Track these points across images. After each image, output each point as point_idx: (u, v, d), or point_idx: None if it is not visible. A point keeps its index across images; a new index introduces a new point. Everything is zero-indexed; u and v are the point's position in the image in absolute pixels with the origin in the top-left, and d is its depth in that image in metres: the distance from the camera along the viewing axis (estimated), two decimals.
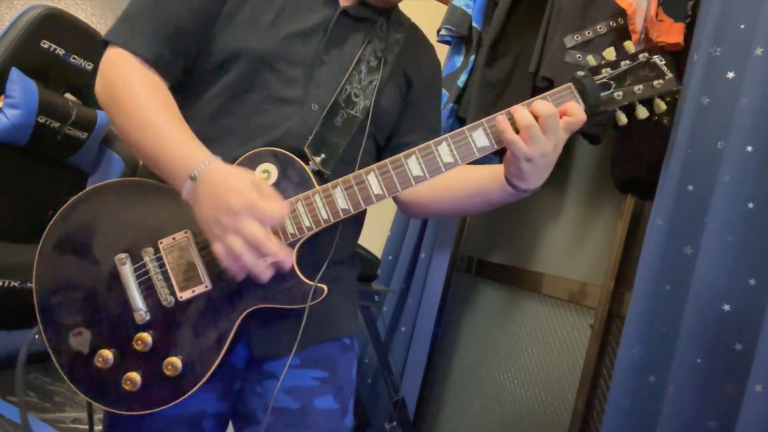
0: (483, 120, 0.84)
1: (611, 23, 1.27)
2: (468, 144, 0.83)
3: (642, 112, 0.85)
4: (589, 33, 1.29)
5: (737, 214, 0.97)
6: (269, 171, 0.84)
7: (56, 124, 1.65)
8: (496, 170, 0.90)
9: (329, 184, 0.83)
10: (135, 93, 0.82)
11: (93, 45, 1.79)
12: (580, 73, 0.85)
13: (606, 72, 0.85)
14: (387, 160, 0.84)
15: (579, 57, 1.28)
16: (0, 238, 1.61)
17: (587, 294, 1.53)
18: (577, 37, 1.30)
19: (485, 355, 1.88)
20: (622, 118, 0.86)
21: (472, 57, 1.77)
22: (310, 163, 0.87)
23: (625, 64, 0.84)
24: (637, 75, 0.84)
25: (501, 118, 0.81)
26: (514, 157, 0.82)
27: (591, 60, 0.86)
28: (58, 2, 2.45)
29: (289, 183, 0.84)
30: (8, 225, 1.64)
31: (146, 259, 0.82)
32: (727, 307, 0.96)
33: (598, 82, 0.84)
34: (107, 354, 0.81)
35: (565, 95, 0.84)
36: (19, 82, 1.55)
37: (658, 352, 1.10)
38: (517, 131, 0.81)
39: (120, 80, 0.84)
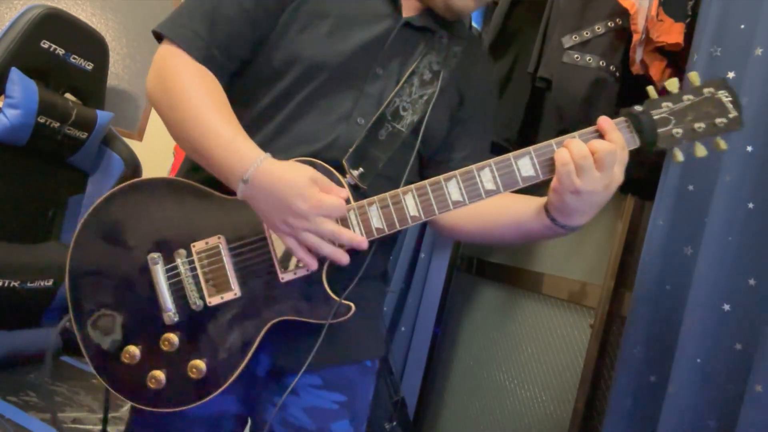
0: (531, 148, 0.79)
1: (609, 23, 1.27)
2: (513, 172, 0.79)
3: (700, 151, 0.79)
4: (587, 33, 1.29)
5: (737, 214, 0.97)
6: None
7: (56, 124, 1.65)
8: (538, 202, 0.85)
9: (365, 201, 0.81)
10: (187, 88, 0.82)
11: (93, 45, 1.79)
12: (638, 108, 0.78)
13: (666, 106, 0.78)
14: (426, 182, 0.81)
15: (577, 57, 1.28)
16: (0, 238, 1.61)
17: (587, 294, 1.53)
18: (576, 38, 1.30)
19: (485, 355, 1.88)
20: (679, 156, 0.80)
21: None
22: (347, 176, 0.85)
23: (687, 99, 0.78)
24: (699, 111, 0.78)
25: (559, 152, 0.76)
26: (561, 187, 0.76)
27: (651, 92, 0.80)
28: (58, 2, 2.45)
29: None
30: (8, 225, 1.64)
31: (178, 261, 0.83)
32: (727, 307, 0.96)
33: (656, 117, 0.78)
34: (134, 350, 0.82)
35: (621, 129, 0.78)
36: (19, 82, 1.55)
37: (659, 352, 1.10)
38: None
39: (172, 75, 0.83)
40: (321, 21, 0.88)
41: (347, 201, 0.81)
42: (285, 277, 0.82)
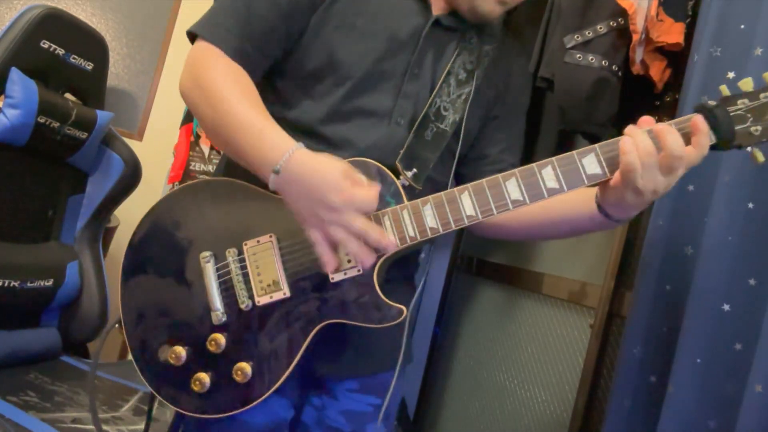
0: (597, 145, 0.76)
1: (611, 23, 1.27)
2: (577, 170, 0.75)
3: (759, 157, 0.77)
4: (589, 33, 1.29)
5: (737, 214, 0.97)
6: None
7: (56, 124, 1.65)
8: (585, 197, 0.82)
9: (419, 201, 0.79)
10: (218, 81, 0.81)
11: (93, 45, 1.79)
12: (712, 102, 0.74)
13: (742, 104, 0.74)
14: (483, 180, 0.78)
15: (579, 57, 1.28)
16: (0, 238, 1.61)
17: (587, 294, 1.53)
18: (578, 37, 1.29)
19: (485, 355, 1.88)
20: (759, 157, 0.76)
21: None
22: (401, 177, 0.84)
23: (765, 96, 0.74)
24: None
25: (626, 142, 0.72)
26: (623, 184, 0.73)
27: (724, 90, 0.76)
28: (58, 2, 2.45)
29: (379, 197, 0.79)
30: (8, 225, 1.63)
31: (229, 259, 0.82)
32: (727, 307, 0.96)
33: (732, 114, 0.74)
34: (180, 351, 0.80)
35: (685, 126, 0.74)
36: (19, 82, 1.55)
37: (659, 352, 1.10)
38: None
39: (204, 70, 0.83)
40: (355, 20, 0.88)
41: (396, 200, 0.80)
42: (335, 277, 0.80)
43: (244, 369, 0.79)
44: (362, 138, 0.86)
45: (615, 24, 1.26)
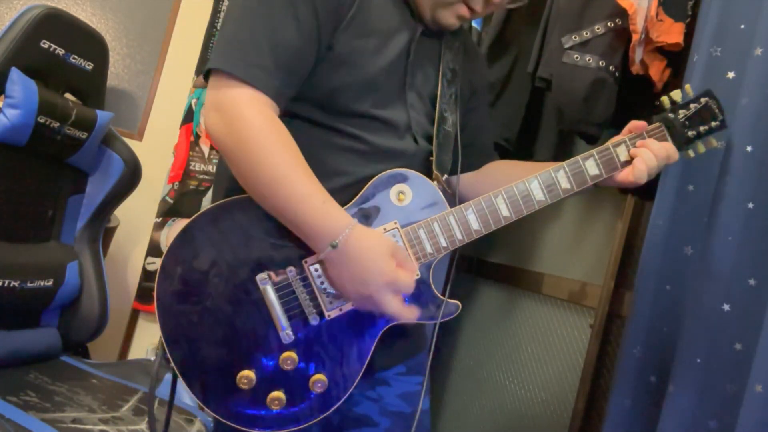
0: (594, 151, 0.92)
1: (609, 24, 1.27)
2: (582, 172, 0.91)
3: (700, 148, 0.97)
4: (587, 33, 1.29)
5: (737, 214, 0.97)
6: (404, 192, 0.87)
7: (56, 124, 1.64)
8: None
9: (462, 206, 0.88)
10: (267, 146, 0.78)
11: (93, 45, 1.79)
12: (670, 115, 0.94)
13: (682, 113, 0.95)
14: (512, 185, 0.89)
15: (577, 57, 1.28)
16: (0, 238, 1.61)
17: (587, 294, 1.53)
18: (575, 38, 1.30)
19: (485, 355, 1.88)
20: (691, 154, 0.97)
21: None
22: (437, 183, 0.90)
23: (693, 107, 0.94)
24: (701, 116, 0.95)
25: (640, 160, 0.90)
26: (620, 182, 0.91)
27: (665, 101, 0.95)
28: (58, 2, 2.45)
29: (422, 203, 0.88)
30: (8, 225, 1.63)
31: (291, 278, 0.82)
32: (727, 307, 0.96)
33: (681, 122, 0.94)
34: (250, 374, 0.80)
35: (657, 133, 0.93)
36: (19, 82, 1.55)
37: (659, 352, 1.10)
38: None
39: (248, 129, 0.78)
40: (368, 38, 0.88)
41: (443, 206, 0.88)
42: None
43: (322, 380, 0.82)
44: (394, 149, 0.90)
45: (613, 24, 1.26)
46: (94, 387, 1.53)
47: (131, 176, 1.92)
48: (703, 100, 0.95)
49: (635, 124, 0.94)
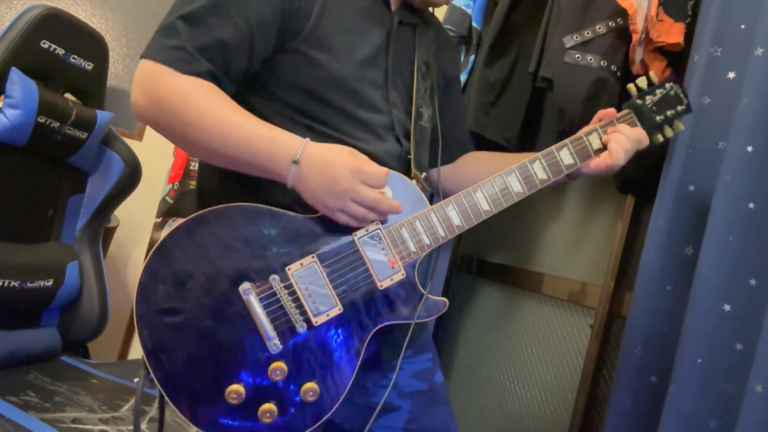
0: (567, 140, 0.95)
1: (610, 23, 1.27)
2: (557, 162, 0.93)
3: (668, 132, 1.01)
4: (588, 33, 1.29)
5: (737, 214, 0.97)
6: (384, 192, 0.86)
7: (56, 124, 1.64)
8: None
9: (442, 203, 0.89)
10: (197, 101, 0.79)
11: (93, 45, 1.79)
12: (638, 101, 0.98)
13: (649, 99, 0.98)
14: (489, 179, 0.90)
15: (578, 57, 1.28)
16: (0, 238, 1.60)
17: (587, 294, 1.53)
18: (577, 38, 1.29)
19: (485, 355, 1.88)
20: (660, 138, 1.01)
21: (472, 57, 1.78)
22: (416, 182, 0.90)
23: (660, 92, 0.99)
24: (667, 101, 0.99)
25: (615, 144, 0.92)
26: (606, 171, 0.94)
27: (632, 88, 0.99)
28: (58, 2, 2.45)
29: (403, 203, 0.86)
30: (8, 225, 1.63)
31: (276, 287, 0.80)
32: (727, 307, 0.96)
33: (648, 107, 0.98)
34: (239, 389, 0.78)
35: (627, 119, 0.97)
36: (19, 82, 1.55)
37: (659, 352, 1.10)
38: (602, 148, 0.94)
39: (173, 93, 0.79)
40: (337, 39, 0.89)
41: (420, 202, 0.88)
42: (383, 284, 0.85)
43: (313, 389, 0.80)
44: (374, 148, 0.90)
45: (614, 24, 1.26)
46: (94, 387, 1.53)
47: (131, 176, 1.92)
48: (668, 85, 0.99)
49: (604, 113, 0.97)
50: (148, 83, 0.80)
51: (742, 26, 1.06)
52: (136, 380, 0.79)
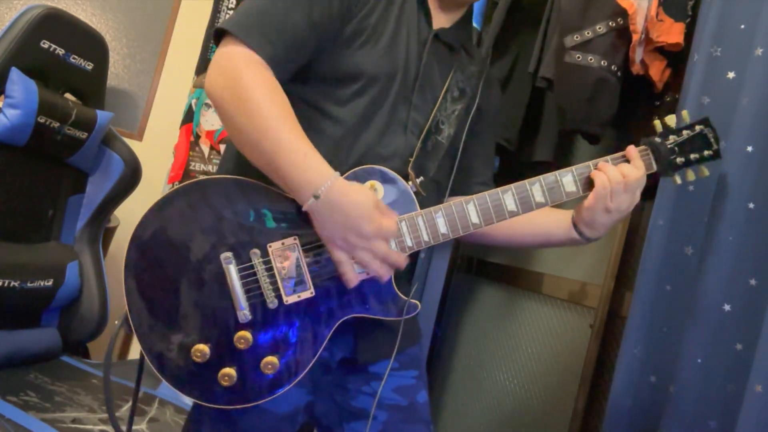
0: (572, 167, 0.93)
1: (611, 23, 1.27)
2: (558, 188, 0.92)
3: (690, 176, 0.97)
4: (588, 33, 1.29)
5: (737, 214, 0.97)
6: (376, 188, 0.89)
7: (56, 124, 1.64)
8: (564, 216, 0.99)
9: (432, 209, 0.90)
10: (258, 98, 0.83)
11: (93, 45, 1.79)
12: (657, 139, 0.94)
13: (672, 138, 0.95)
14: (485, 193, 0.91)
15: (579, 57, 1.28)
16: (0, 238, 1.61)
17: (587, 294, 1.53)
18: (577, 38, 1.29)
19: (485, 355, 1.88)
20: (678, 180, 0.97)
21: None
22: (410, 183, 0.91)
23: (686, 133, 0.95)
24: (693, 144, 0.95)
25: (599, 175, 0.90)
26: (596, 206, 0.91)
27: (658, 125, 0.96)
28: (58, 2, 2.45)
29: (393, 201, 0.89)
30: (8, 225, 1.63)
31: (255, 260, 0.84)
32: (727, 307, 0.96)
33: (669, 147, 0.94)
34: (204, 349, 0.82)
35: (643, 157, 0.93)
36: (19, 82, 1.55)
37: (659, 352, 1.10)
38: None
39: (245, 82, 0.83)
40: (379, 36, 0.93)
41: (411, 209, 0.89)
42: (358, 277, 0.86)
43: (273, 362, 0.83)
44: (385, 145, 0.93)
45: (614, 24, 1.26)
46: (94, 387, 1.54)
47: (131, 176, 1.92)
48: (698, 127, 0.95)
49: (628, 149, 0.95)
50: (226, 66, 0.85)
51: (742, 26, 1.06)
52: (116, 322, 0.85)
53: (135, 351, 2.43)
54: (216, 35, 0.89)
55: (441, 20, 1.02)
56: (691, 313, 1.00)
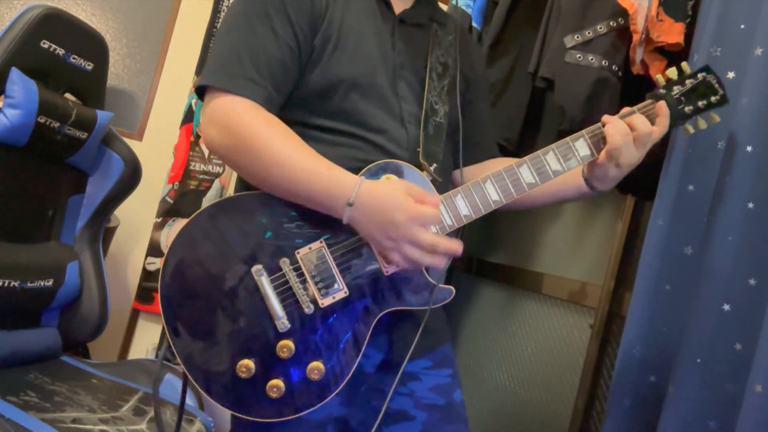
0: (584, 131, 0.93)
1: (611, 23, 1.27)
2: (572, 153, 0.92)
3: (701, 124, 0.97)
4: (589, 33, 1.29)
5: (737, 214, 0.97)
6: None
7: (56, 124, 1.64)
8: (574, 173, 0.99)
9: (450, 193, 0.90)
10: (264, 137, 0.84)
11: (93, 45, 1.79)
12: (662, 91, 0.95)
13: (677, 89, 0.95)
14: (501, 169, 0.91)
15: (579, 57, 1.28)
16: (0, 238, 1.61)
17: (587, 294, 1.53)
18: (577, 37, 1.29)
19: (485, 355, 1.88)
20: (690, 129, 0.98)
21: None
22: (425, 172, 0.92)
23: (690, 82, 0.95)
24: (698, 92, 0.96)
25: (610, 126, 0.90)
26: (608, 160, 0.91)
27: (660, 79, 0.96)
28: (58, 2, 2.45)
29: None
30: (8, 225, 1.63)
31: (285, 269, 0.85)
32: (727, 307, 0.96)
33: (675, 98, 0.94)
34: (249, 364, 0.82)
35: (647, 109, 0.94)
36: (19, 82, 1.55)
37: (659, 352, 1.10)
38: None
39: (245, 127, 0.85)
40: (346, 39, 0.93)
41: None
42: (389, 270, 0.88)
43: (319, 367, 0.84)
44: (387, 141, 0.93)
45: (615, 24, 1.26)
46: (94, 387, 1.54)
47: (131, 176, 1.92)
48: (700, 75, 0.96)
49: (626, 109, 0.96)
50: (222, 120, 0.86)
51: (742, 26, 1.06)
52: (158, 352, 0.85)
53: (135, 351, 2.43)
54: (198, 91, 0.90)
55: (400, 3, 1.02)
56: (690, 313, 1.00)
